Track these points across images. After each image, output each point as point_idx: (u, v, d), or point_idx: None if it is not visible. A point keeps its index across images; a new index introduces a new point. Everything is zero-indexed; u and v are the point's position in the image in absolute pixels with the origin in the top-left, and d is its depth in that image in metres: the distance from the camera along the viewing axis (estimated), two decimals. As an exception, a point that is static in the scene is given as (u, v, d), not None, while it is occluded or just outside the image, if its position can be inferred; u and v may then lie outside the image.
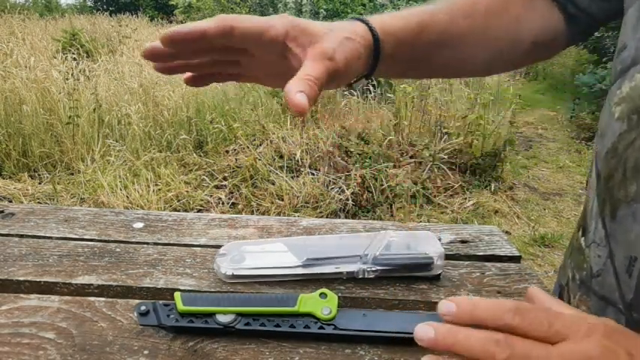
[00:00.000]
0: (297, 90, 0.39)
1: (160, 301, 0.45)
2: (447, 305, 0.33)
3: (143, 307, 0.44)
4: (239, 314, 0.44)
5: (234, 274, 0.53)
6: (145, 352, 0.42)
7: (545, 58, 0.59)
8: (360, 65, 0.46)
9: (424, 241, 0.57)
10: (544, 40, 0.55)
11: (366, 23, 0.47)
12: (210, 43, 0.41)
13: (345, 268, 0.53)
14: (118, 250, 0.60)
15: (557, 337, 0.31)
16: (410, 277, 0.55)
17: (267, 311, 0.45)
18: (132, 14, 10.42)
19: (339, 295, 0.51)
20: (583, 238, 0.51)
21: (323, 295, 0.46)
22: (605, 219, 0.44)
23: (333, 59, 0.42)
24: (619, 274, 0.43)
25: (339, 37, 0.44)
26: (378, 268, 0.53)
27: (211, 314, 0.44)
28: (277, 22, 0.43)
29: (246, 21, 0.42)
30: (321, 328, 0.44)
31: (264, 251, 0.58)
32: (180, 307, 0.44)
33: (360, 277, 0.54)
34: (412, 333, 0.39)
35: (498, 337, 0.31)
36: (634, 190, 0.40)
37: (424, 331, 0.32)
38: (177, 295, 0.44)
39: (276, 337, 0.44)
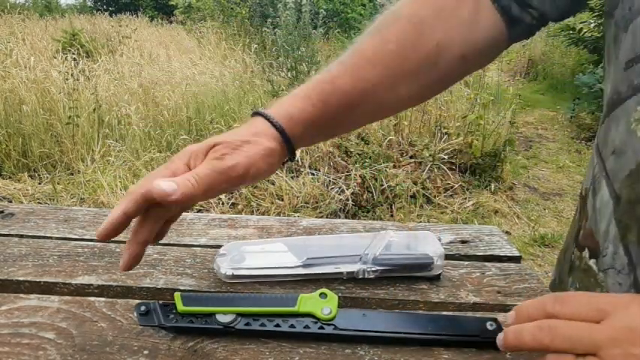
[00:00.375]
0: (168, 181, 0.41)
1: (160, 302, 0.45)
2: (509, 315, 0.38)
3: (143, 308, 0.44)
4: (239, 314, 0.44)
5: (234, 274, 0.53)
6: (145, 352, 0.42)
7: (480, 67, 0.56)
8: (270, 159, 0.46)
9: (424, 241, 0.57)
10: (476, 52, 0.52)
11: (270, 120, 0.47)
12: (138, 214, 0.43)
13: (345, 268, 0.53)
14: (117, 250, 0.60)
15: (601, 315, 0.32)
16: (410, 277, 0.55)
17: (267, 311, 0.45)
18: (132, 14, 10.42)
19: (339, 295, 0.51)
20: (593, 261, 0.48)
21: (323, 295, 0.46)
22: (629, 245, 0.41)
23: (224, 163, 0.43)
24: None
25: (234, 143, 0.44)
26: (378, 268, 0.53)
27: (211, 314, 0.44)
28: (175, 163, 0.44)
29: (147, 186, 0.41)
30: (321, 328, 0.44)
31: (264, 251, 0.57)
32: (180, 307, 0.44)
33: (360, 277, 0.53)
34: (412, 333, 0.40)
35: (542, 323, 0.33)
36: None
37: (499, 338, 0.37)
38: (177, 295, 0.44)
39: (276, 337, 0.44)
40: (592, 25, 5.73)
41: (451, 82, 0.55)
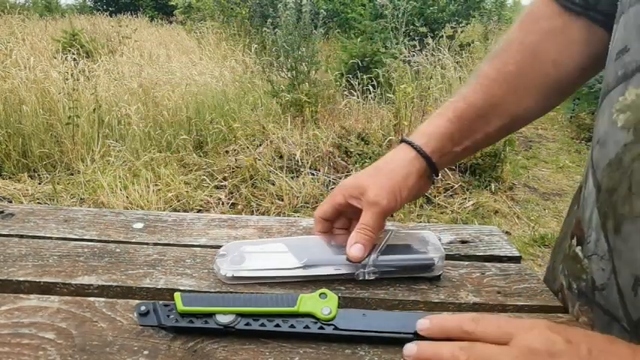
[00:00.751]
0: (352, 242, 0.52)
1: (160, 302, 0.45)
2: (422, 322, 0.41)
3: (143, 308, 0.44)
4: (239, 314, 0.44)
5: (234, 275, 0.53)
6: (145, 352, 0.42)
7: (597, 73, 0.60)
8: (414, 179, 0.55)
9: (425, 241, 0.57)
10: (593, 62, 0.55)
11: (408, 142, 0.56)
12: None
13: (345, 269, 0.53)
14: (117, 250, 0.60)
15: (507, 337, 0.37)
16: (410, 277, 0.55)
17: (267, 311, 0.45)
18: (132, 14, 10.41)
19: (339, 295, 0.51)
20: (579, 248, 0.49)
21: (323, 296, 0.46)
22: (607, 233, 0.42)
23: (376, 204, 0.52)
24: (623, 291, 0.41)
25: (379, 179, 0.54)
26: (378, 270, 0.53)
27: (211, 314, 0.44)
28: (337, 197, 0.57)
29: (324, 208, 0.58)
30: (321, 328, 0.44)
31: (264, 252, 0.57)
32: (180, 307, 0.44)
33: (361, 278, 0.53)
34: (412, 333, 0.40)
35: (462, 343, 0.38)
36: None
37: (409, 348, 0.40)
38: (177, 295, 0.44)
39: (276, 337, 0.44)
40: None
41: (574, 90, 0.61)
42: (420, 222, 2.39)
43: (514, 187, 3.54)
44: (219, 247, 0.61)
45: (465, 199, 3.20)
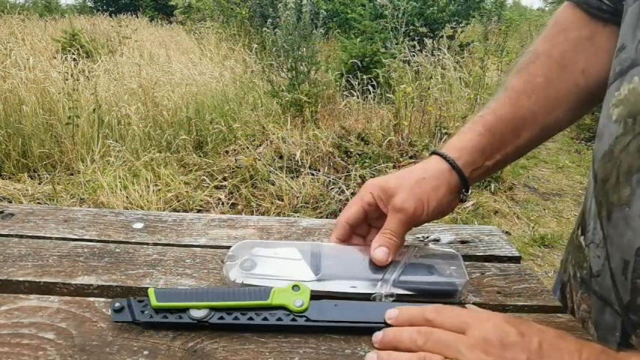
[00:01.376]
0: (376, 245, 0.50)
1: (135, 298, 0.45)
2: (390, 312, 0.44)
3: (117, 304, 0.44)
4: (212, 309, 0.44)
5: (244, 282, 0.50)
6: (145, 352, 0.42)
7: None
8: (443, 191, 0.52)
9: (449, 262, 0.53)
10: None
11: (440, 154, 0.54)
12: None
13: (362, 288, 0.50)
14: (117, 250, 0.60)
15: (464, 326, 0.39)
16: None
17: (240, 305, 0.45)
18: (132, 15, 10.41)
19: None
20: (582, 237, 0.51)
21: (296, 288, 0.46)
22: (602, 221, 0.45)
23: (402, 210, 0.51)
24: (615, 275, 0.43)
25: (408, 185, 0.52)
26: (398, 292, 0.49)
27: (185, 309, 0.44)
28: (366, 195, 0.54)
29: (352, 210, 0.55)
30: (293, 320, 0.44)
31: (276, 257, 0.53)
32: (154, 302, 0.44)
33: (377, 300, 0.50)
34: (382, 322, 0.44)
35: (421, 328, 0.40)
36: (626, 194, 0.40)
37: (376, 335, 0.42)
38: (150, 290, 0.44)
39: (249, 329, 0.45)
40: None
41: (602, 99, 0.60)
42: (420, 222, 2.38)
43: (514, 187, 3.54)
44: (219, 247, 0.61)
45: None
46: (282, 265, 0.52)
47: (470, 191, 0.57)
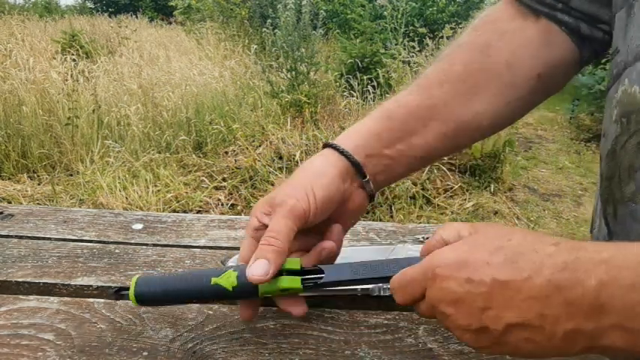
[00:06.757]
0: (253, 259, 0.41)
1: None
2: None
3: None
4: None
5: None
6: (145, 353, 0.42)
7: (558, 87, 0.56)
8: (330, 177, 0.46)
9: None
10: (550, 71, 0.52)
11: (330, 145, 0.48)
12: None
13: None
14: (117, 251, 0.60)
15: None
16: None
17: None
18: (131, 15, 10.41)
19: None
20: (591, 235, 0.52)
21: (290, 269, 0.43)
22: (607, 218, 0.45)
23: (282, 204, 0.44)
24: None
25: (289, 183, 0.46)
26: None
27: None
28: (252, 222, 0.46)
29: (244, 249, 0.46)
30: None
31: None
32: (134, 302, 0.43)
33: (375, 294, 0.49)
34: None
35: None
36: (629, 191, 0.41)
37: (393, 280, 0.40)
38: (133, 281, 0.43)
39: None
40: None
41: (532, 102, 0.55)
42: (420, 223, 2.39)
43: (514, 188, 3.54)
44: (218, 247, 0.61)
45: (465, 199, 3.20)
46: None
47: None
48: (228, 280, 0.42)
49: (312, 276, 0.43)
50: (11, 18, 7.40)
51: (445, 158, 3.39)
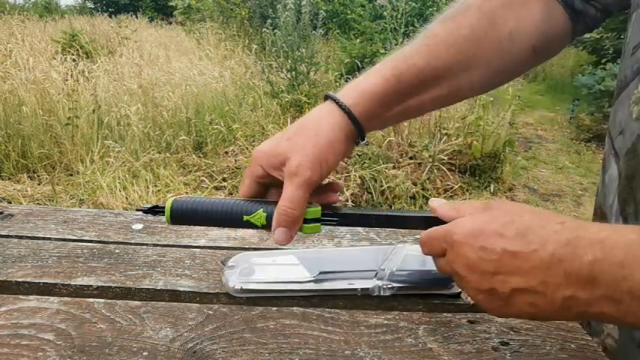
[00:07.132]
0: (274, 227, 0.45)
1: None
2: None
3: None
4: None
5: (243, 287, 0.51)
6: (145, 353, 0.42)
7: (548, 59, 0.58)
8: (340, 146, 0.48)
9: None
10: (545, 44, 0.53)
11: (336, 101, 0.48)
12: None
13: (359, 284, 0.51)
14: (117, 251, 0.60)
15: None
16: (427, 294, 0.53)
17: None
18: (131, 15, 10.41)
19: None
20: None
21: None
22: (627, 218, 0.44)
23: (298, 174, 0.45)
24: None
25: (301, 146, 0.47)
26: (395, 285, 0.51)
27: None
28: (255, 169, 0.49)
29: (244, 187, 0.49)
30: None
31: (274, 264, 0.55)
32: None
33: (375, 294, 0.51)
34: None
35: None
36: None
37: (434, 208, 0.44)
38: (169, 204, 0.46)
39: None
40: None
41: (520, 72, 0.57)
42: (420, 223, 2.39)
43: (514, 188, 3.54)
44: (218, 247, 0.61)
45: (465, 199, 3.20)
46: (279, 270, 0.54)
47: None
48: (258, 220, 0.46)
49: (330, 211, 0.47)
50: (11, 18, 7.40)
51: (445, 158, 3.40)
